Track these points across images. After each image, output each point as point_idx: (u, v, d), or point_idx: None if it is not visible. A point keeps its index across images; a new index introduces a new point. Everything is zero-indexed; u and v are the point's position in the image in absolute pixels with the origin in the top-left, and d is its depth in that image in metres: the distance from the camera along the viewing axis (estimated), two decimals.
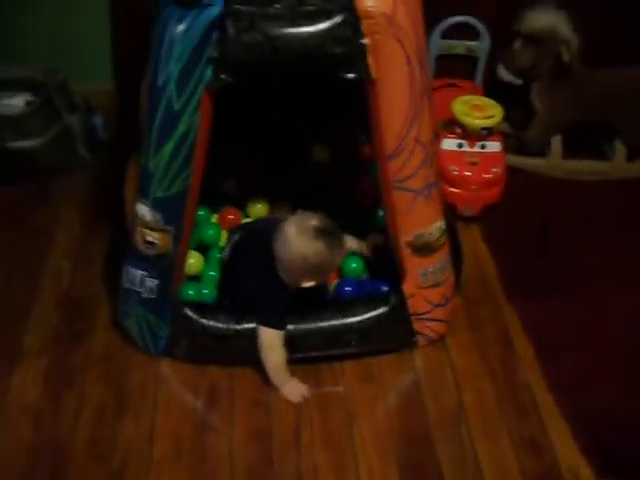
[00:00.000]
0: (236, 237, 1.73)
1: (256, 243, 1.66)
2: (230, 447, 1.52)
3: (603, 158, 2.15)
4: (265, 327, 1.58)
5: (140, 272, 1.57)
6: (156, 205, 1.50)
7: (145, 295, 1.59)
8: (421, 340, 1.68)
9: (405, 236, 1.56)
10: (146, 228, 1.52)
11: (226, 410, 1.59)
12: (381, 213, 1.70)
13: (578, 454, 1.51)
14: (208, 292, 1.72)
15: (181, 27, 1.35)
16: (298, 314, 1.61)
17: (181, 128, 1.42)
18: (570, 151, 2.14)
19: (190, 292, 1.68)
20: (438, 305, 1.64)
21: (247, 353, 1.61)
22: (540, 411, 1.58)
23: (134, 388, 1.63)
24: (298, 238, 1.54)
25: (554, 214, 2.01)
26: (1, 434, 1.54)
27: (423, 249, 1.57)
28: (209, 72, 1.37)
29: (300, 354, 1.62)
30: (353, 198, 1.90)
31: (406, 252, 1.57)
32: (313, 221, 1.56)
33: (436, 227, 1.56)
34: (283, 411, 1.59)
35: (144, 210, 1.51)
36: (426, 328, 1.66)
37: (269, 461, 1.50)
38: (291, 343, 1.59)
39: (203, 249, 1.82)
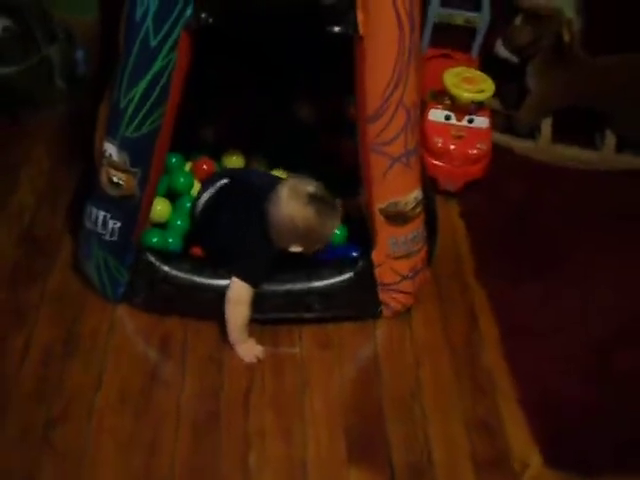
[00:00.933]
0: (223, 181, 1.66)
1: (246, 194, 1.61)
2: (178, 401, 1.48)
3: (592, 146, 2.10)
4: (240, 280, 1.52)
5: (103, 213, 1.52)
6: (124, 145, 1.44)
7: (106, 237, 1.53)
8: (386, 311, 1.64)
9: (379, 203, 1.50)
10: (112, 168, 1.46)
11: (178, 363, 1.54)
12: None
13: (530, 442, 1.47)
14: (173, 241, 1.66)
15: None
16: None
17: (156, 66, 1.35)
18: (559, 136, 2.08)
19: (154, 239, 1.62)
20: (406, 277, 1.59)
21: (206, 307, 1.56)
22: (496, 394, 1.55)
23: (86, 332, 1.58)
24: (290, 201, 1.50)
25: (536, 198, 1.96)
26: None
27: (396, 218, 1.52)
28: (189, 10, 1.31)
29: (261, 314, 1.56)
30: (338, 159, 1.85)
31: (378, 219, 1.52)
32: (309, 187, 1.52)
33: (412, 197, 1.51)
34: (236, 370, 1.54)
35: (111, 149, 1.45)
36: (392, 299, 1.62)
37: (216, 418, 1.46)
38: (256, 302, 1.54)
39: (172, 197, 1.76)
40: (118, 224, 1.52)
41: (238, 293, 1.54)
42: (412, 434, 1.47)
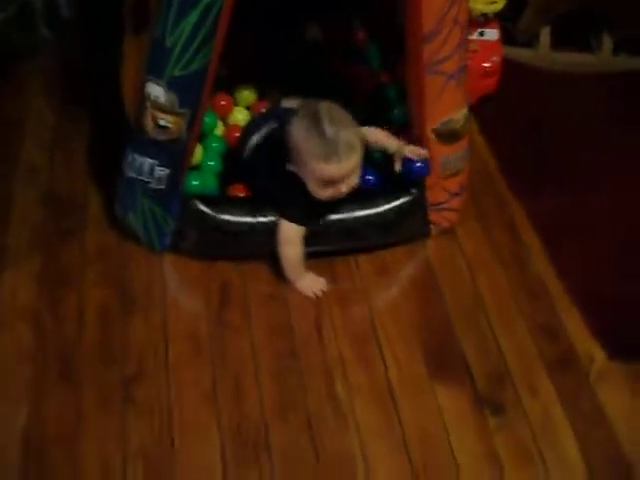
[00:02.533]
0: (273, 125, 1.58)
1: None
2: (251, 343, 1.45)
3: (588, 51, 2.14)
4: (286, 221, 1.50)
5: (149, 160, 1.43)
6: (172, 85, 1.35)
7: (153, 185, 1.46)
8: (434, 230, 1.65)
9: (432, 123, 1.49)
10: (159, 111, 1.38)
11: (241, 307, 1.51)
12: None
13: (591, 339, 1.53)
14: (210, 183, 1.59)
15: None
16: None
17: None
18: (556, 43, 2.11)
19: (194, 182, 1.54)
20: (455, 194, 1.61)
21: (261, 247, 1.53)
22: (552, 298, 1.60)
23: (139, 287, 1.52)
24: (296, 122, 1.43)
25: (544, 106, 2.00)
26: None
27: (448, 136, 1.51)
28: None
29: (319, 247, 1.55)
30: (349, 84, 1.81)
31: (430, 139, 1.51)
32: (319, 107, 1.42)
33: (462, 114, 1.51)
34: (301, 305, 1.53)
35: (158, 91, 1.36)
36: (441, 218, 1.63)
37: (293, 355, 1.44)
38: (310, 236, 1.52)
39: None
40: (166, 171, 1.44)
41: (286, 233, 1.51)
42: (483, 344, 1.51)
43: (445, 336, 1.52)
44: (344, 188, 1.46)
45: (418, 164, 1.55)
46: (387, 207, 1.55)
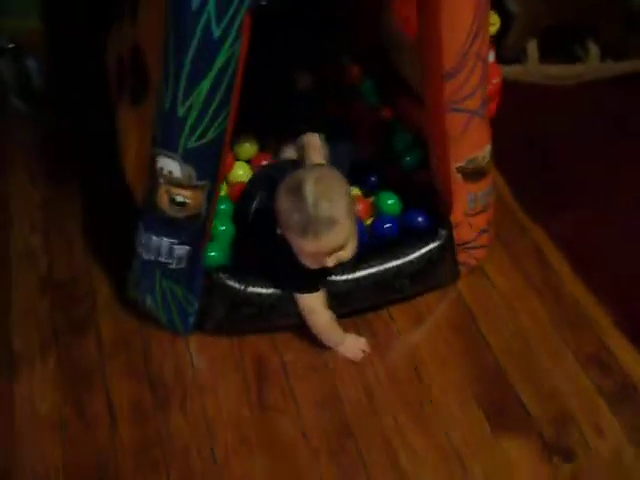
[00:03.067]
0: (262, 195, 1.45)
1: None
2: (301, 422, 1.34)
3: (574, 60, 2.10)
4: (299, 294, 1.40)
5: (167, 240, 1.31)
6: (188, 157, 1.23)
7: (173, 266, 1.33)
8: (463, 269, 1.57)
9: (457, 162, 1.41)
10: (175, 186, 1.25)
11: (282, 382, 1.40)
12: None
13: None
14: (226, 251, 1.47)
15: None
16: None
17: (220, 60, 1.16)
18: (542, 56, 2.07)
19: (213, 253, 1.43)
20: (483, 231, 1.53)
21: (296, 317, 1.41)
22: (595, 326, 1.53)
23: (168, 375, 1.40)
24: (281, 189, 1.31)
25: (543, 123, 1.94)
26: (23, 456, 1.26)
27: (474, 174, 1.43)
28: None
29: (351, 307, 1.45)
30: (349, 124, 1.72)
31: (456, 179, 1.43)
32: (307, 174, 1.30)
33: (487, 149, 1.43)
34: (345, 371, 1.43)
35: (171, 165, 1.24)
36: (469, 256, 1.55)
37: (348, 429, 1.34)
38: (341, 297, 1.42)
39: None
40: (186, 249, 1.32)
41: (304, 304, 1.41)
42: (538, 385, 1.43)
43: (498, 382, 1.43)
44: (329, 263, 1.32)
45: (387, 225, 1.51)
46: (416, 254, 1.46)
